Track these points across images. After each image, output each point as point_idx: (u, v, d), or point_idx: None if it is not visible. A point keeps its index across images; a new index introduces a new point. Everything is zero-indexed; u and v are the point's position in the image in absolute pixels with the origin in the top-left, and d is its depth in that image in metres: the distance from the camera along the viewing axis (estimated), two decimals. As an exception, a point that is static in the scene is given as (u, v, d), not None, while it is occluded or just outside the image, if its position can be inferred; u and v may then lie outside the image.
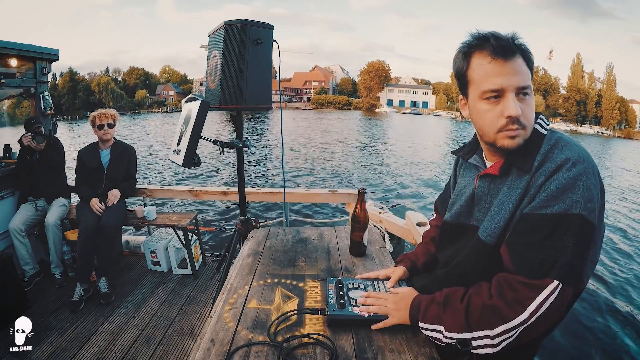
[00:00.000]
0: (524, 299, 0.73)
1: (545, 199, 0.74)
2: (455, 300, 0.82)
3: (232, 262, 1.60)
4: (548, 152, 0.79)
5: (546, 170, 0.77)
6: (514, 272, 0.76)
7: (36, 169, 2.66)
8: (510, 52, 0.79)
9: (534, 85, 58.95)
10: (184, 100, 1.82)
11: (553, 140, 0.81)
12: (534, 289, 0.73)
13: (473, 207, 0.95)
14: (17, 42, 2.64)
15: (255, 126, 27.33)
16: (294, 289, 1.13)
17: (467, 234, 0.96)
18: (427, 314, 0.86)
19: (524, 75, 0.80)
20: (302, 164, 12.97)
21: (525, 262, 0.75)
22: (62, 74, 59.87)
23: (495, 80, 0.79)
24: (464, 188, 1.00)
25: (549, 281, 0.72)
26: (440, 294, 0.87)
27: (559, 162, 0.75)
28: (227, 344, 0.87)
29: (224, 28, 1.62)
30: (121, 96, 61.94)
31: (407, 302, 0.91)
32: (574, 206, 0.71)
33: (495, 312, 0.75)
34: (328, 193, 2.87)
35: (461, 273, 0.93)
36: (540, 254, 0.73)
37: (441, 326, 0.82)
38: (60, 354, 1.93)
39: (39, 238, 2.84)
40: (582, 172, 0.73)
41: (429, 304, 0.87)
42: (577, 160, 0.74)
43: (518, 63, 0.80)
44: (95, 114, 2.70)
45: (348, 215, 2.92)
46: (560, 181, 0.73)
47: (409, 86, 72.88)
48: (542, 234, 0.74)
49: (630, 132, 52.46)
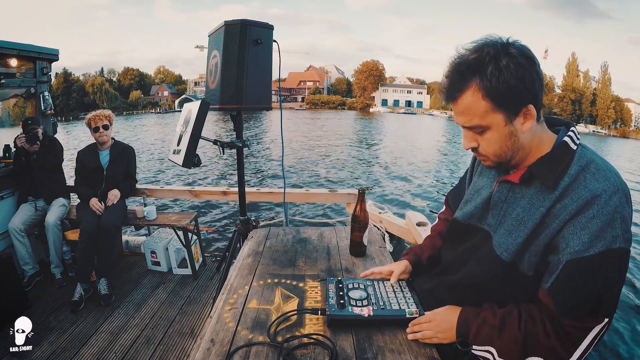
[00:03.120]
0: (576, 339, 0.72)
1: (588, 240, 0.70)
2: (512, 326, 0.78)
3: (232, 262, 1.60)
4: (579, 174, 0.74)
5: (579, 198, 0.72)
6: (561, 316, 0.73)
7: (34, 170, 2.66)
8: (453, 94, 0.77)
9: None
10: (177, 100, 1.82)
11: (585, 161, 0.76)
12: (585, 330, 0.72)
13: (487, 211, 0.91)
14: (17, 42, 2.64)
15: (247, 127, 27.29)
16: (294, 289, 1.13)
17: (475, 237, 0.93)
18: (479, 336, 0.81)
19: (467, 115, 0.77)
20: (302, 164, 12.97)
21: (573, 306, 0.72)
22: (57, 75, 59.73)
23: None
24: (481, 189, 0.96)
25: (600, 320, 0.71)
26: (493, 315, 0.82)
27: (594, 193, 0.71)
28: (227, 344, 0.87)
29: (224, 28, 1.62)
30: (115, 97, 61.75)
31: (452, 322, 0.86)
32: (615, 241, 0.69)
33: (552, 351, 0.74)
34: (328, 193, 2.87)
35: (474, 285, 0.90)
36: (586, 296, 0.71)
37: (493, 348, 0.79)
38: (60, 354, 1.93)
39: (39, 238, 2.84)
40: (618, 205, 0.70)
41: (481, 325, 0.82)
42: (613, 192, 0.71)
43: (463, 102, 0.76)
44: (89, 117, 2.69)
45: (348, 215, 2.92)
46: (601, 219, 0.70)
47: (404, 86, 72.77)
48: (588, 276, 0.71)
49: (625, 130, 52.67)
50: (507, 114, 0.74)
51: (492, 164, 0.84)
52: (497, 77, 0.70)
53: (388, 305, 0.97)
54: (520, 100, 0.73)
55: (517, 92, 0.71)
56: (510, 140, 0.78)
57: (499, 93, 0.72)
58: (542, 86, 0.74)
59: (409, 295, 1.02)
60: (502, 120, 0.75)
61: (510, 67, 0.70)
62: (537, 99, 0.74)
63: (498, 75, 0.70)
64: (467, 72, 0.73)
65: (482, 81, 0.72)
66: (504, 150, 0.79)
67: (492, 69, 0.71)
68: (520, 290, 0.83)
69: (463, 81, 0.74)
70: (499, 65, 0.70)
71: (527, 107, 0.74)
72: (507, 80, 0.70)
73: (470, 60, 0.73)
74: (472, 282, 0.90)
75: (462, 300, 0.91)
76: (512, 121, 0.75)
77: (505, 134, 0.77)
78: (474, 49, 0.74)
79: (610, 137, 47.95)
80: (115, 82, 70.68)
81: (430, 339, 0.87)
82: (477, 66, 0.72)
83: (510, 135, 0.77)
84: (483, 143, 0.80)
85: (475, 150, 0.83)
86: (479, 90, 0.73)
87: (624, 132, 52.27)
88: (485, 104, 0.74)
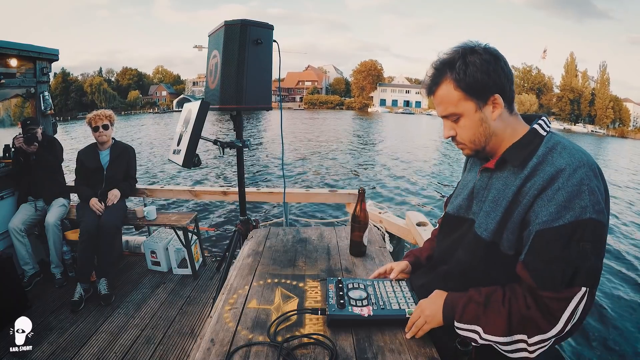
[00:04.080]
0: (556, 311, 0.74)
1: (555, 211, 0.74)
2: (497, 302, 0.81)
3: (232, 262, 1.60)
4: (546, 154, 0.81)
5: (545, 174, 0.77)
6: (539, 289, 0.76)
7: (33, 170, 2.65)
8: (432, 87, 0.90)
9: (528, 84, 59.41)
10: (175, 100, 1.82)
11: (552, 143, 0.82)
12: (563, 300, 0.74)
13: (472, 200, 0.97)
14: (17, 42, 2.64)
15: (245, 127, 27.24)
16: (294, 289, 1.13)
17: (463, 227, 0.97)
18: (464, 314, 0.84)
19: (444, 104, 0.88)
20: (301, 163, 12.98)
21: (548, 277, 0.75)
22: (55, 75, 59.61)
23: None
24: (468, 182, 1.02)
25: (576, 290, 0.73)
26: (479, 294, 0.85)
27: (558, 167, 0.76)
28: (227, 344, 0.88)
29: (224, 28, 1.62)
30: (114, 97, 61.55)
31: (439, 304, 0.89)
32: (584, 212, 0.72)
33: (533, 323, 0.76)
34: (328, 193, 2.87)
35: (463, 272, 0.93)
36: (561, 266, 0.74)
37: (479, 327, 0.81)
38: (60, 354, 1.93)
39: (38, 238, 2.84)
40: (584, 177, 0.74)
41: (467, 303, 0.85)
42: (577, 166, 0.75)
43: (439, 93, 0.88)
44: (90, 116, 2.69)
45: (348, 215, 2.92)
46: (566, 189, 0.74)
47: (402, 85, 72.62)
48: (559, 246, 0.74)
49: (624, 130, 52.71)
50: (477, 102, 0.85)
51: (470, 151, 0.93)
52: (464, 70, 0.83)
53: (388, 305, 0.97)
54: (487, 90, 0.83)
55: (483, 82, 0.83)
56: (482, 126, 0.87)
57: (467, 84, 0.83)
58: (509, 79, 0.84)
59: (408, 295, 1.02)
60: (472, 107, 0.86)
61: (476, 62, 0.82)
62: (503, 90, 0.84)
63: (465, 69, 0.83)
64: (441, 68, 0.87)
65: (452, 74, 0.84)
66: (477, 136, 0.89)
67: (460, 63, 0.83)
68: (504, 272, 0.86)
69: (438, 76, 0.87)
70: (465, 60, 0.83)
71: (494, 96, 0.84)
72: (473, 72, 0.82)
73: (444, 58, 0.87)
74: (461, 270, 0.94)
75: (453, 289, 0.93)
76: (481, 108, 0.86)
77: (477, 120, 0.87)
78: (448, 51, 0.87)
79: (609, 137, 48.00)
80: (114, 82, 70.50)
81: (423, 328, 0.90)
82: (449, 62, 0.85)
83: (481, 121, 0.87)
84: (459, 131, 0.90)
85: (454, 139, 0.93)
86: (451, 82, 0.85)
87: (623, 131, 52.32)
88: (457, 94, 0.85)
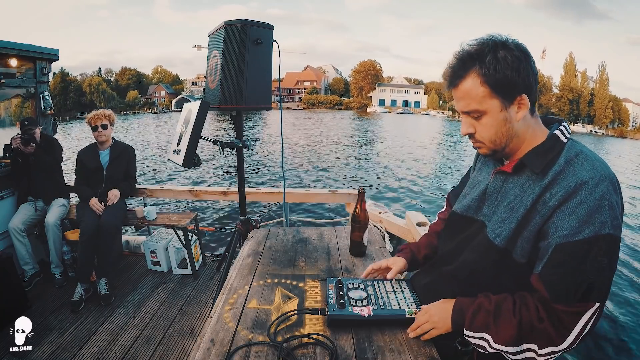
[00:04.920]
0: (569, 324, 0.74)
1: (576, 225, 0.73)
2: (508, 311, 0.80)
3: (232, 262, 1.60)
4: (567, 163, 0.78)
5: (567, 184, 0.75)
6: (553, 302, 0.75)
7: (32, 170, 2.65)
8: (455, 80, 0.84)
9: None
10: (174, 100, 1.82)
11: (574, 151, 0.80)
12: (576, 315, 0.74)
13: (483, 202, 0.94)
14: (17, 42, 2.64)
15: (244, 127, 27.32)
16: (294, 289, 1.13)
17: (471, 228, 0.95)
18: (474, 322, 0.83)
19: (467, 99, 0.83)
20: (300, 164, 12.97)
21: (563, 291, 0.74)
22: (54, 75, 59.47)
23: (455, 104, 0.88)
24: (479, 182, 0.99)
25: (590, 305, 0.73)
26: (489, 301, 0.83)
27: (581, 179, 0.74)
28: (227, 344, 0.87)
29: (224, 28, 1.62)
30: (112, 97, 61.39)
31: (447, 311, 0.88)
32: (603, 227, 0.72)
33: (545, 336, 0.75)
34: (328, 193, 2.87)
35: (470, 275, 0.92)
36: (577, 280, 0.73)
37: (488, 335, 0.80)
38: (60, 354, 1.93)
39: (38, 238, 2.84)
40: (605, 191, 0.73)
41: (477, 311, 0.83)
42: (599, 179, 0.74)
43: (463, 87, 0.82)
44: (90, 116, 2.69)
45: (348, 215, 2.92)
46: (588, 204, 0.73)
47: (401, 85, 72.65)
48: (577, 261, 0.73)
49: (623, 130, 52.77)
50: (503, 100, 0.80)
51: (488, 150, 0.89)
52: (495, 66, 0.77)
53: (388, 305, 0.97)
54: (515, 89, 0.79)
55: (512, 81, 0.78)
56: (505, 126, 0.83)
57: (496, 80, 0.78)
58: (535, 80, 0.80)
59: (408, 295, 1.02)
60: (498, 106, 0.81)
61: (507, 58, 0.77)
62: (530, 90, 0.80)
63: (495, 64, 0.77)
64: (468, 60, 0.81)
65: (481, 68, 0.79)
66: (499, 136, 0.84)
67: (491, 58, 0.78)
68: (514, 279, 0.85)
69: (464, 68, 0.81)
70: (497, 55, 0.77)
71: (521, 96, 0.80)
72: (503, 69, 0.77)
73: (472, 50, 0.81)
74: (468, 272, 0.92)
75: (458, 292, 0.92)
76: (507, 108, 0.81)
77: (501, 119, 0.82)
78: (476, 43, 0.81)
79: (608, 137, 48.05)
80: (113, 82, 70.38)
81: (430, 333, 0.88)
82: (478, 55, 0.79)
83: (505, 121, 0.82)
84: (480, 128, 0.85)
85: (471, 136, 0.88)
86: (478, 77, 0.80)
87: (622, 131, 52.40)
88: (484, 90, 0.80)
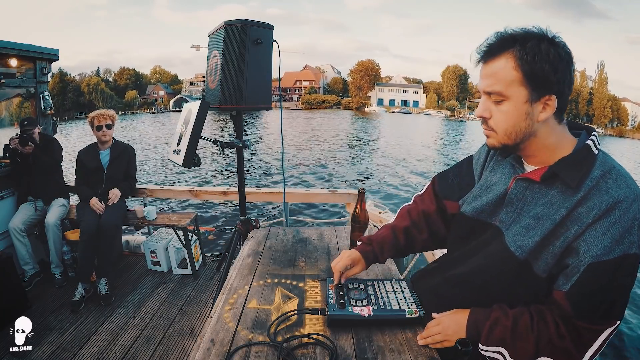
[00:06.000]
0: (588, 341, 0.74)
1: (609, 245, 0.71)
2: (525, 327, 0.78)
3: (232, 262, 1.60)
4: (600, 179, 0.75)
5: (602, 203, 0.73)
6: (575, 318, 0.74)
7: (32, 171, 2.65)
8: (487, 56, 0.79)
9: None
10: (172, 100, 1.82)
11: (607, 166, 0.77)
12: (597, 332, 0.74)
13: (500, 207, 0.89)
14: (17, 42, 2.64)
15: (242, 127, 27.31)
16: (294, 289, 1.13)
17: (485, 234, 0.91)
18: (491, 337, 0.81)
19: (494, 79, 0.78)
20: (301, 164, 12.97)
21: (588, 308, 0.74)
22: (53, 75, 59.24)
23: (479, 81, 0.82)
24: (493, 185, 0.93)
25: (612, 323, 0.73)
26: (506, 316, 0.81)
27: (616, 199, 0.73)
28: (227, 344, 0.87)
29: (224, 28, 1.62)
30: (111, 97, 61.30)
31: (461, 323, 0.87)
32: (631, 247, 0.71)
33: (565, 352, 0.75)
34: (328, 193, 2.87)
35: (483, 283, 0.89)
36: (601, 298, 0.73)
37: (505, 350, 0.80)
38: (60, 354, 1.93)
39: (39, 238, 2.84)
40: (637, 211, 0.72)
41: (494, 325, 0.81)
42: (634, 199, 0.73)
43: (495, 65, 0.77)
44: (93, 115, 2.69)
45: (348, 215, 2.92)
46: (621, 224, 0.71)
47: (400, 85, 72.63)
48: (605, 280, 0.72)
49: (622, 130, 52.82)
50: (531, 92, 0.75)
51: (497, 143, 0.83)
52: (534, 55, 0.73)
53: (388, 305, 0.97)
54: (547, 86, 0.74)
55: (547, 76, 0.73)
56: (525, 121, 0.78)
57: (532, 69, 0.73)
58: (570, 87, 0.76)
59: (408, 295, 1.02)
60: (524, 96, 0.76)
61: (550, 52, 0.73)
62: (562, 94, 0.76)
63: (535, 53, 0.73)
64: (509, 40, 0.76)
65: (519, 52, 0.74)
66: (516, 129, 0.79)
67: (533, 45, 0.73)
68: (530, 292, 0.83)
69: (502, 47, 0.76)
70: (540, 45, 0.73)
71: (550, 96, 0.75)
72: (542, 61, 0.72)
73: (515, 33, 0.76)
74: (481, 279, 0.89)
75: (467, 297, 0.90)
76: (532, 103, 0.76)
77: (522, 111, 0.77)
78: (522, 29, 0.77)
79: (607, 137, 48.10)
80: (111, 82, 70.29)
81: (442, 343, 0.87)
82: (521, 38, 0.75)
83: (527, 115, 0.77)
84: (497, 115, 0.80)
85: (485, 122, 0.83)
86: (514, 59, 0.75)
87: (621, 131, 52.49)
88: (515, 74, 0.75)
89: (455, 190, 1.06)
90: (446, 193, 1.09)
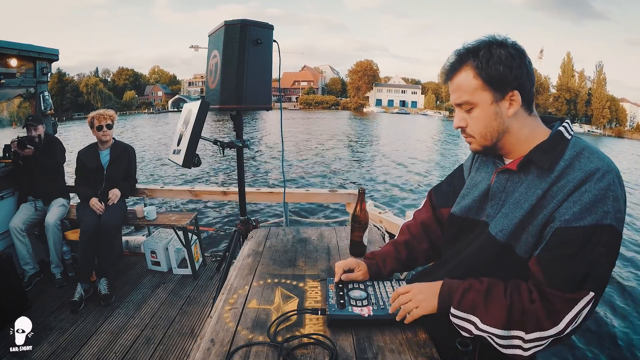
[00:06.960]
0: (560, 311, 0.74)
1: (579, 211, 0.73)
2: (499, 293, 0.80)
3: (232, 262, 1.60)
4: (574, 158, 0.79)
5: (575, 178, 0.76)
6: (548, 286, 0.76)
7: (33, 171, 2.65)
8: (450, 74, 0.87)
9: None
10: (170, 100, 1.82)
11: (579, 147, 0.81)
12: (570, 302, 0.74)
13: (486, 202, 0.93)
14: (17, 42, 2.64)
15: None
16: (294, 289, 1.13)
17: (474, 230, 0.94)
18: (463, 301, 0.83)
19: (460, 91, 0.86)
20: (300, 163, 12.97)
21: (559, 276, 0.74)
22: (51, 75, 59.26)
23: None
24: (478, 183, 0.98)
25: (584, 293, 0.73)
26: (480, 282, 0.83)
27: (588, 172, 0.75)
28: (227, 344, 0.87)
29: (224, 28, 1.62)
30: (109, 97, 61.19)
31: (435, 289, 0.89)
32: (605, 217, 0.72)
33: (534, 318, 0.75)
34: (328, 193, 2.87)
35: (468, 270, 0.91)
36: (574, 267, 0.73)
37: (476, 317, 0.80)
38: (60, 354, 1.93)
39: (39, 238, 2.84)
40: (611, 183, 0.74)
41: (467, 290, 0.83)
42: (606, 171, 0.75)
43: (458, 79, 0.86)
44: (93, 115, 2.69)
45: (348, 215, 2.92)
46: (592, 192, 0.73)
47: (398, 85, 72.63)
48: (575, 247, 0.73)
49: (620, 130, 52.88)
50: (494, 94, 0.82)
51: (479, 146, 0.90)
52: (488, 60, 0.81)
53: (388, 305, 0.97)
54: (507, 84, 0.81)
55: (504, 75, 0.80)
56: (496, 120, 0.84)
57: (488, 74, 0.81)
58: (530, 79, 0.82)
59: (409, 295, 1.02)
60: (489, 99, 0.83)
61: (501, 54, 0.80)
62: (523, 88, 0.82)
63: (489, 58, 0.81)
64: (464, 54, 0.85)
65: (475, 62, 0.82)
66: (489, 130, 0.86)
67: (485, 52, 0.81)
68: (513, 274, 0.84)
69: (460, 62, 0.85)
70: (491, 51, 0.81)
71: (512, 92, 0.81)
72: (496, 63, 0.80)
73: (470, 46, 0.85)
74: (467, 267, 0.92)
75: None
76: (497, 102, 0.83)
77: (491, 113, 0.84)
78: (474, 41, 0.85)
79: (605, 137, 48.14)
80: (110, 82, 70.14)
81: (413, 314, 0.89)
82: (473, 50, 0.83)
83: (496, 115, 0.84)
84: (471, 122, 0.87)
85: (463, 130, 0.90)
86: (472, 70, 0.83)
87: (619, 131, 52.52)
88: (476, 83, 0.83)
89: (450, 197, 1.10)
90: (442, 202, 1.14)
